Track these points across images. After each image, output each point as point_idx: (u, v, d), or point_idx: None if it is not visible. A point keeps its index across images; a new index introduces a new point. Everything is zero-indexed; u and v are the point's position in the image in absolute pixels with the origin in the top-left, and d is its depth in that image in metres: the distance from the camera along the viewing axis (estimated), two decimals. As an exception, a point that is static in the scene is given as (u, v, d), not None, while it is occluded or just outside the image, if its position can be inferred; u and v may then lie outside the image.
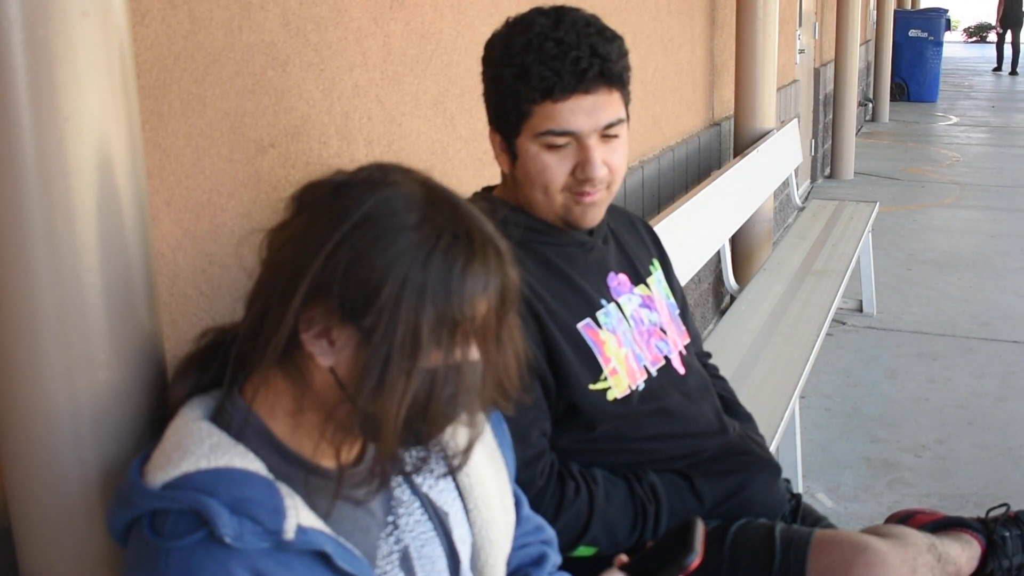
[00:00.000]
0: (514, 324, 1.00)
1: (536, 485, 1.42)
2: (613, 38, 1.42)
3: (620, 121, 1.43)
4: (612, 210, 1.64)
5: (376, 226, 0.91)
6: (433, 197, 0.96)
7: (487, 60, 1.46)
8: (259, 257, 0.99)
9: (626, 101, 1.46)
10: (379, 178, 0.96)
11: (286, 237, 0.95)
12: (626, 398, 1.50)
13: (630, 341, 1.55)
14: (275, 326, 0.92)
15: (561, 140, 1.40)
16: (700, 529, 1.29)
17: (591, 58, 1.37)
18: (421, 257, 0.91)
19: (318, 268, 0.90)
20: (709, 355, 1.87)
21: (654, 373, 1.56)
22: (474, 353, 0.96)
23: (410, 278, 0.90)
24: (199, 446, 0.94)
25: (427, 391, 0.92)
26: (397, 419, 0.92)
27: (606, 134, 1.42)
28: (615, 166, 1.45)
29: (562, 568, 1.32)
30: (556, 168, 1.42)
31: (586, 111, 1.39)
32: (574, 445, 1.50)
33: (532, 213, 1.50)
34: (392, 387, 0.91)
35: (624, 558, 1.35)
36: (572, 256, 1.53)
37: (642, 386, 1.53)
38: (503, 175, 1.53)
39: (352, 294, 0.90)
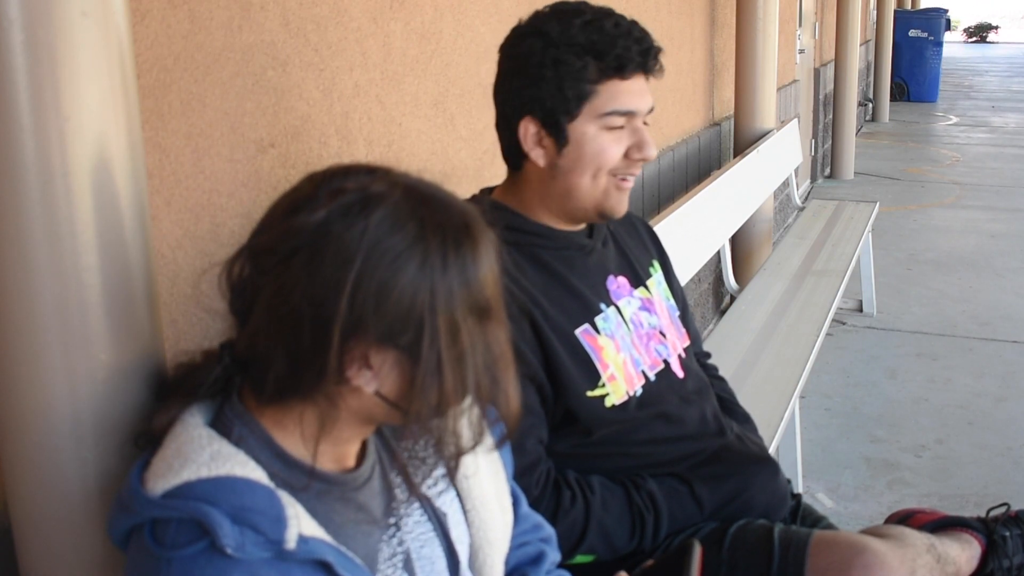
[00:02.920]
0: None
1: (532, 494, 1.41)
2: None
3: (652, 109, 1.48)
4: None
5: (385, 251, 0.91)
6: (419, 198, 0.95)
7: (541, 46, 1.41)
8: (220, 291, 0.98)
9: None
10: (358, 199, 0.93)
11: (286, 287, 0.92)
12: (624, 404, 1.49)
13: (628, 346, 1.54)
14: (317, 376, 0.92)
15: (620, 121, 1.42)
16: (697, 555, 1.28)
17: (651, 40, 1.41)
18: (438, 264, 0.92)
19: (345, 311, 0.90)
20: (708, 355, 1.87)
21: (652, 378, 1.55)
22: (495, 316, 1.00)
23: (436, 286, 0.92)
24: (199, 454, 0.94)
25: (474, 368, 0.96)
26: (463, 401, 0.97)
27: (645, 121, 1.46)
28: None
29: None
30: (612, 149, 1.43)
31: (642, 92, 1.43)
32: (571, 450, 1.50)
33: (533, 217, 1.49)
34: (452, 383, 0.94)
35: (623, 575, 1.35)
36: (571, 260, 1.52)
37: (640, 392, 1.52)
38: (513, 176, 1.52)
39: (389, 321, 0.91)
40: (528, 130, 1.44)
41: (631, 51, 1.39)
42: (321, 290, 0.91)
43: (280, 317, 0.93)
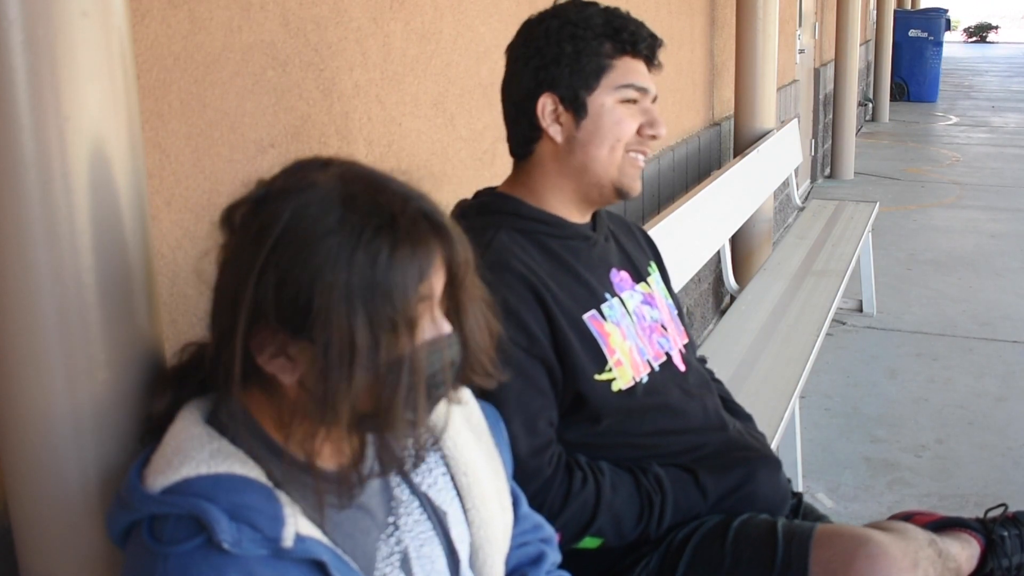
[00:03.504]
0: (476, 293, 0.98)
1: (544, 474, 1.43)
2: None
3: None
4: (610, 215, 1.67)
5: (296, 239, 0.88)
6: (352, 190, 0.91)
7: (558, 25, 1.49)
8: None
9: None
10: (294, 184, 0.92)
11: (222, 262, 0.94)
12: (630, 390, 1.51)
13: (633, 335, 1.56)
14: (230, 357, 0.91)
15: (635, 95, 1.50)
16: None
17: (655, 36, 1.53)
18: (344, 259, 0.88)
19: (251, 295, 0.88)
20: (704, 360, 1.88)
21: (656, 368, 1.57)
22: (442, 327, 0.95)
23: (335, 284, 0.87)
24: (199, 451, 0.94)
25: (395, 379, 0.90)
26: (393, 408, 0.91)
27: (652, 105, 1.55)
28: None
29: (568, 559, 1.31)
30: (628, 122, 1.50)
31: (649, 77, 1.53)
32: (580, 439, 1.51)
33: (540, 205, 1.52)
34: (357, 391, 0.90)
35: None
36: (577, 249, 1.55)
37: (645, 379, 1.54)
38: (521, 166, 1.55)
39: (288, 314, 0.89)
40: (546, 107, 1.49)
41: (642, 31, 1.50)
42: (238, 270, 0.90)
43: (215, 297, 0.94)
